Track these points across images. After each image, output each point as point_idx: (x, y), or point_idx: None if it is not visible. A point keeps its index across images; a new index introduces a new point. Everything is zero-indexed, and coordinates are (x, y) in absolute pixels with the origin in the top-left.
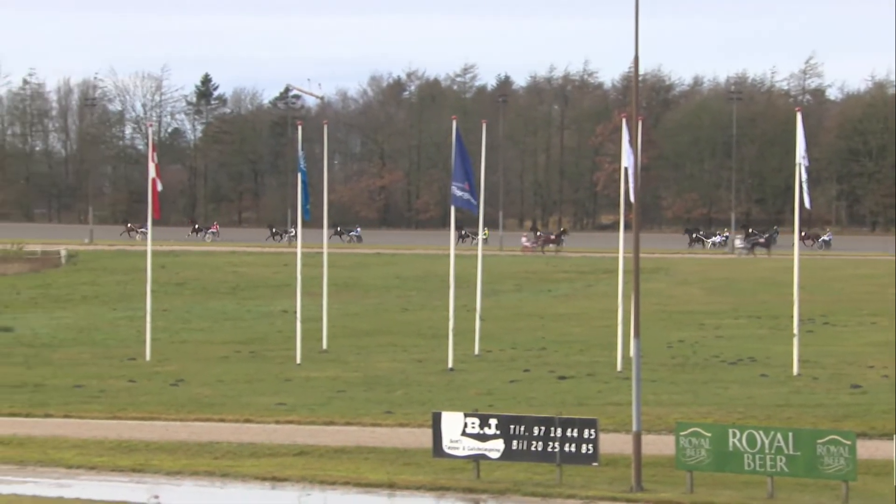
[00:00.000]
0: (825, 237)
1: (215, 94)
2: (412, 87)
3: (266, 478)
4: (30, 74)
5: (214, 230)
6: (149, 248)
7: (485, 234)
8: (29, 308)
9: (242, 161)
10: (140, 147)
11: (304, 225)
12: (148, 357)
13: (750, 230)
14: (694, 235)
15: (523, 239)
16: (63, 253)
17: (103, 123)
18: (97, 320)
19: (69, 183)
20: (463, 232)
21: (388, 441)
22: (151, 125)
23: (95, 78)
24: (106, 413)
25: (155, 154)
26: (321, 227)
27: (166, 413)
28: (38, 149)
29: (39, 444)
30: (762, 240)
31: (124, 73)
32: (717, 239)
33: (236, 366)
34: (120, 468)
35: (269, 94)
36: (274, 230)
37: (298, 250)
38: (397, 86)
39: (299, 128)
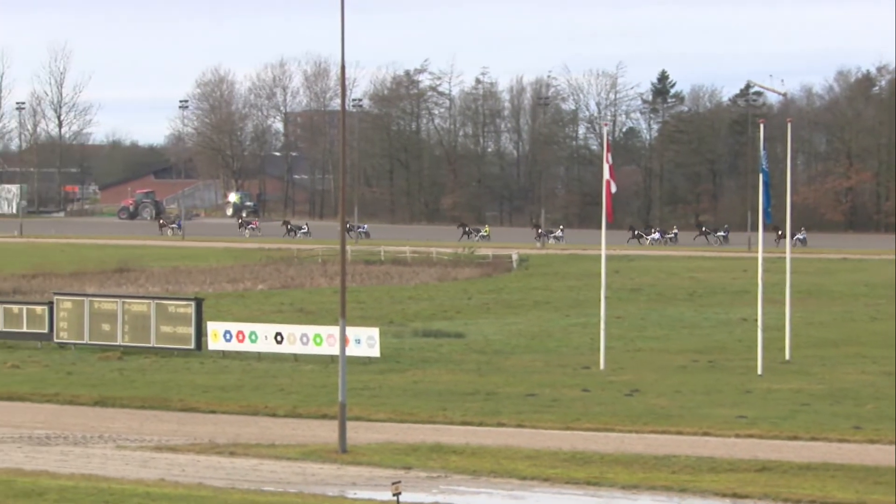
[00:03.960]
0: (800, 236)
1: (672, 91)
2: (882, 82)
3: (726, 494)
4: (482, 74)
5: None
6: (602, 253)
7: (485, 232)
8: (480, 314)
9: (700, 161)
10: (594, 147)
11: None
12: (602, 366)
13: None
14: (636, 232)
15: None
16: (514, 257)
17: (556, 123)
18: (549, 327)
19: (521, 184)
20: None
21: (857, 458)
22: (606, 124)
23: (549, 76)
24: (559, 423)
25: (609, 154)
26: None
27: (621, 424)
28: (489, 150)
29: (492, 453)
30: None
31: (578, 71)
32: (656, 236)
33: (694, 376)
34: (574, 480)
35: (728, 92)
36: (290, 225)
37: (759, 255)
38: (866, 80)
39: (761, 126)
